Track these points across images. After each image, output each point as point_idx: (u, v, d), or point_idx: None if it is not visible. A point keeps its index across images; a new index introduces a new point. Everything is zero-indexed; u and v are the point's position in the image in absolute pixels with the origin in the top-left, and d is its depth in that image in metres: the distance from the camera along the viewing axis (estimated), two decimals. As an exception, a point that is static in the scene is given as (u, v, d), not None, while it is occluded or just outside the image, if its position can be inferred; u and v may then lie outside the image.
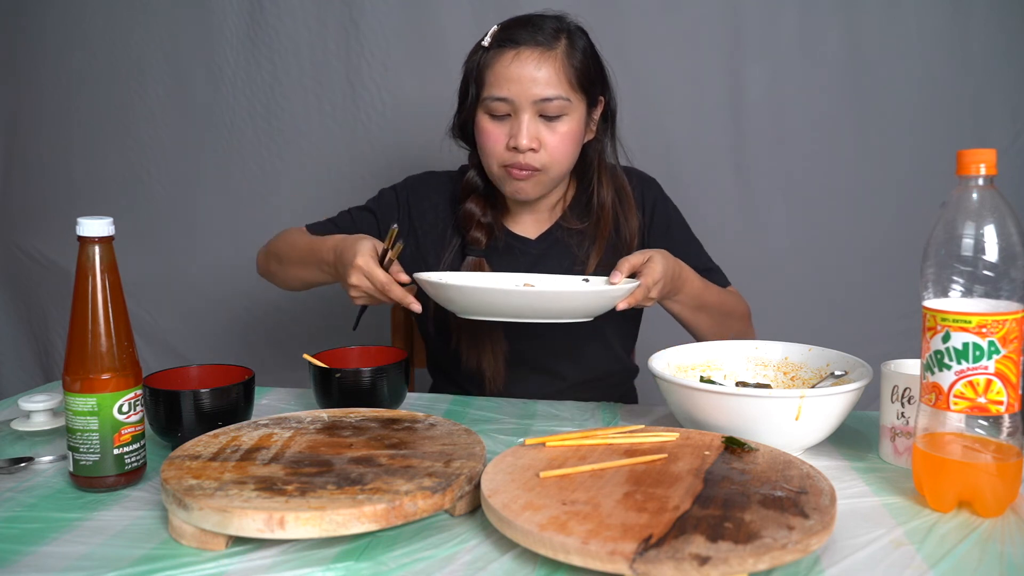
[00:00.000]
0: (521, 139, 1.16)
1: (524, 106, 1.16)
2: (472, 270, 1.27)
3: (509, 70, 1.16)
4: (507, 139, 1.18)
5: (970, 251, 0.73)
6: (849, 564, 0.66)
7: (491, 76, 1.18)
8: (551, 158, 1.19)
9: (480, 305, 1.03)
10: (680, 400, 0.92)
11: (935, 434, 0.77)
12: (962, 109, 1.75)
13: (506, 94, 1.16)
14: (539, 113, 1.17)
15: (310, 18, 1.85)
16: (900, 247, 1.68)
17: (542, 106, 1.16)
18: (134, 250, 1.90)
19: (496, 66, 1.17)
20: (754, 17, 1.76)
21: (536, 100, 1.16)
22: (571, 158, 1.23)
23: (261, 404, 1.13)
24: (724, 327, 1.28)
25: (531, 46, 1.16)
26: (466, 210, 1.30)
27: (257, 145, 1.92)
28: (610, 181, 1.30)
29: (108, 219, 0.81)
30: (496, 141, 1.20)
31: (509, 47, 1.16)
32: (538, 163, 1.19)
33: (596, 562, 0.61)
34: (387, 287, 1.08)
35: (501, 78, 1.17)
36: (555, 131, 1.18)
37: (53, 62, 1.97)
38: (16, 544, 0.70)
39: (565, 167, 1.23)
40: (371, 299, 1.12)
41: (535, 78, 1.15)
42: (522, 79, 1.15)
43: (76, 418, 0.80)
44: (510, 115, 1.18)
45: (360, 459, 0.78)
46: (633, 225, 1.30)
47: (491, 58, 1.18)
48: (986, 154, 0.74)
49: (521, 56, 1.16)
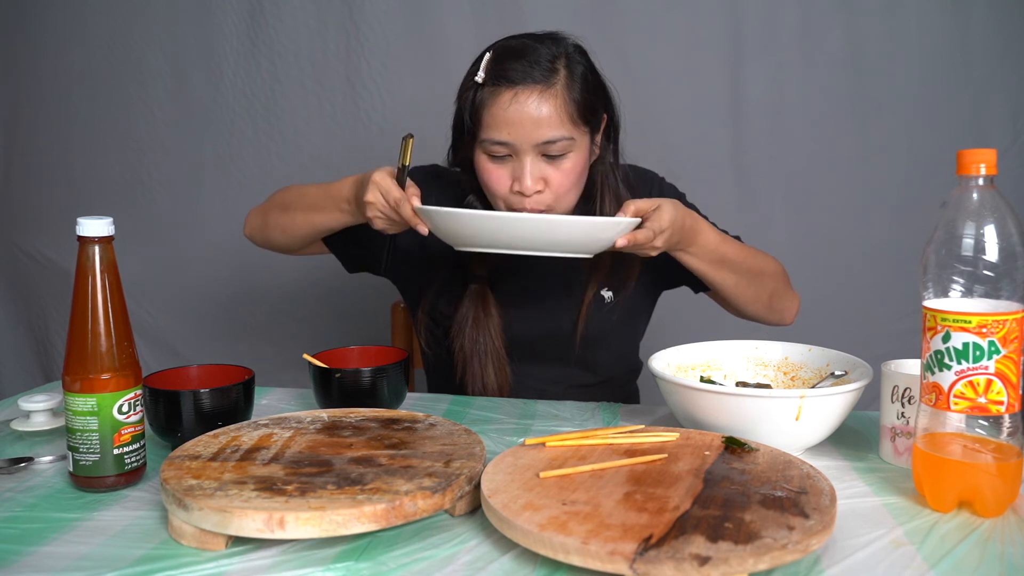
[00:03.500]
0: (526, 182, 1.11)
1: (526, 149, 1.11)
2: (477, 300, 1.25)
3: (508, 113, 1.10)
4: (511, 181, 1.14)
5: (970, 251, 0.73)
6: (849, 564, 0.66)
7: (488, 118, 1.12)
8: (556, 195, 1.15)
9: (478, 233, 1.01)
10: (680, 400, 0.92)
11: (935, 434, 0.77)
12: (962, 109, 1.75)
13: (506, 138, 1.11)
14: (542, 153, 1.12)
15: (310, 18, 1.85)
16: (900, 247, 1.68)
17: (545, 147, 1.11)
18: (134, 250, 1.90)
19: (493, 108, 1.11)
20: (754, 17, 1.76)
21: (538, 143, 1.11)
22: (578, 189, 1.19)
23: (261, 404, 1.13)
24: (756, 286, 1.22)
25: (528, 84, 1.09)
26: None
27: (257, 145, 1.92)
28: (614, 200, 1.25)
29: (108, 219, 0.81)
30: (499, 182, 1.15)
31: (506, 87, 1.10)
32: (544, 204, 1.15)
33: (596, 562, 0.60)
34: (400, 203, 1.06)
35: (500, 121, 1.11)
36: (559, 168, 1.13)
37: (53, 62, 1.97)
38: (16, 544, 0.70)
39: (573, 199, 1.19)
40: (387, 220, 1.10)
41: (536, 120, 1.09)
42: (523, 122, 1.09)
43: (76, 418, 0.80)
44: (511, 156, 1.13)
45: (360, 459, 0.78)
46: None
47: (487, 97, 1.12)
48: (986, 154, 0.74)
49: (519, 97, 1.09)
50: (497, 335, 1.25)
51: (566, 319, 1.27)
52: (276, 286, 1.95)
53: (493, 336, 1.24)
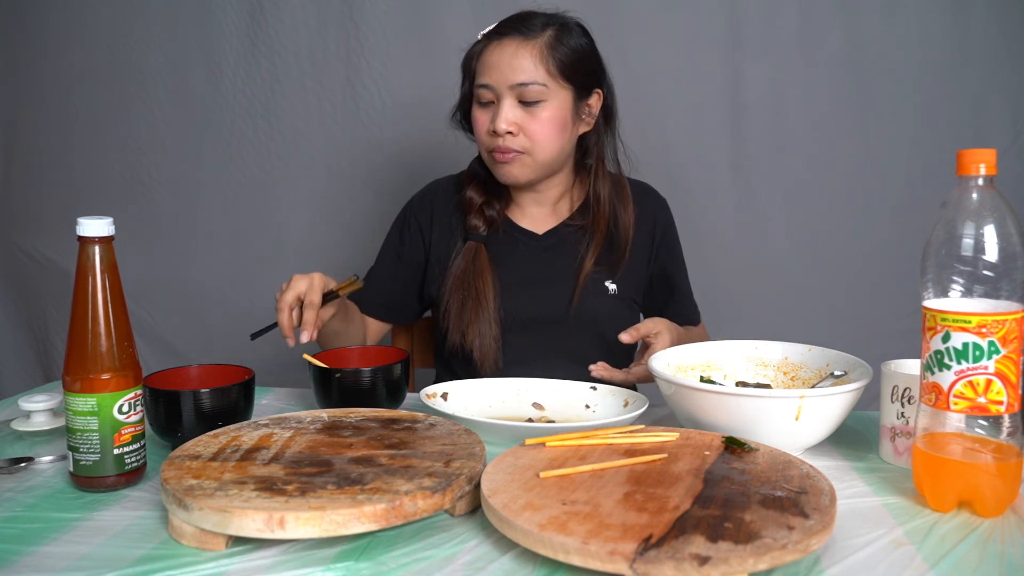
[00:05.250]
0: (499, 123, 1.22)
1: (503, 92, 1.22)
2: (470, 255, 1.30)
3: (491, 57, 1.23)
4: (490, 124, 1.24)
5: (970, 251, 0.73)
6: (849, 564, 0.66)
7: (479, 65, 1.25)
8: (532, 142, 1.24)
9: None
10: (680, 400, 0.92)
11: (935, 434, 0.77)
12: (962, 109, 1.75)
13: (487, 80, 1.23)
14: (519, 99, 1.22)
15: (310, 18, 1.85)
16: (900, 247, 1.68)
17: (520, 91, 1.21)
18: (134, 250, 1.90)
19: (483, 56, 1.24)
20: (754, 17, 1.76)
21: (513, 85, 1.21)
22: (555, 144, 1.26)
23: (261, 404, 1.13)
24: None
25: (513, 36, 1.22)
26: (466, 197, 1.35)
27: (257, 145, 1.92)
28: (607, 175, 1.33)
29: (108, 219, 0.81)
30: (482, 127, 1.26)
31: (496, 39, 1.23)
32: (518, 146, 1.23)
33: (596, 562, 0.61)
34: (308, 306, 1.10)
35: (484, 65, 1.23)
36: (535, 116, 1.22)
37: (53, 62, 1.97)
38: (16, 544, 0.70)
39: (550, 152, 1.26)
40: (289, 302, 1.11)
41: (512, 64, 1.21)
42: (500, 65, 1.21)
43: (76, 418, 0.80)
44: (494, 102, 1.24)
45: (360, 459, 0.78)
46: (628, 220, 1.33)
47: (480, 49, 1.25)
48: (986, 154, 0.74)
49: (502, 43, 1.22)
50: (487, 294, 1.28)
51: (563, 302, 1.31)
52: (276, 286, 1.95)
53: (484, 293, 1.28)
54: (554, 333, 1.30)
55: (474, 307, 1.27)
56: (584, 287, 1.30)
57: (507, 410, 1.09)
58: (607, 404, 1.07)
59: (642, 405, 0.99)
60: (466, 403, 1.08)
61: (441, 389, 1.09)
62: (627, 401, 1.04)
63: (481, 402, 1.09)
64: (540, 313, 1.31)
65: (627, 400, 1.05)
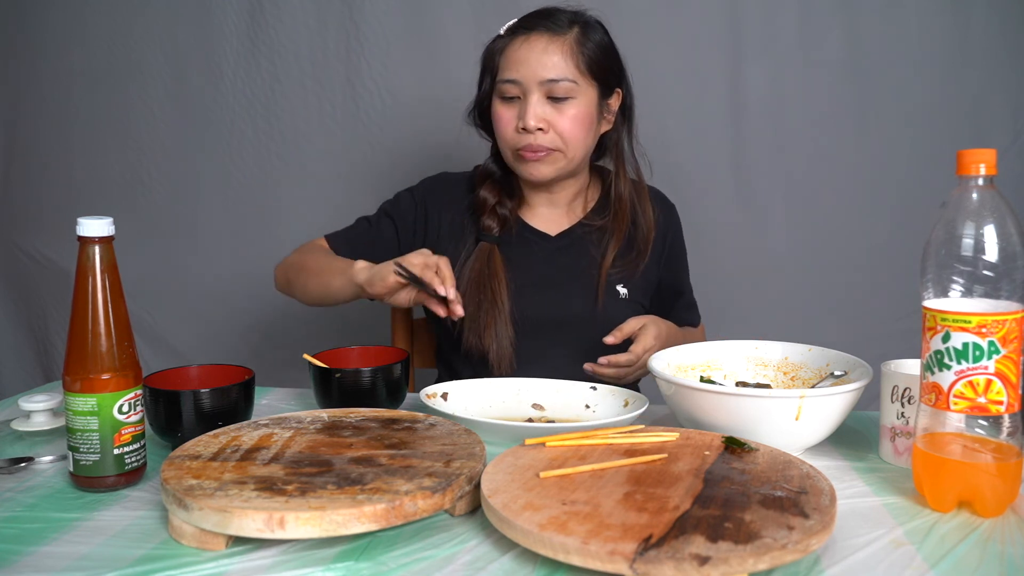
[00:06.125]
0: (529, 119, 1.20)
1: (532, 87, 1.20)
2: (485, 257, 1.28)
3: (518, 53, 1.21)
4: (517, 121, 1.22)
5: (970, 251, 0.73)
6: (849, 564, 0.66)
7: (503, 61, 1.23)
8: (561, 140, 1.22)
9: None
10: (680, 400, 0.92)
11: (935, 434, 0.77)
12: (962, 109, 1.75)
13: (514, 76, 1.21)
14: (547, 95, 1.20)
15: (310, 18, 1.85)
16: (900, 247, 1.68)
17: (549, 87, 1.20)
18: (134, 250, 1.90)
19: (508, 51, 1.22)
20: (754, 17, 1.76)
21: (543, 81, 1.19)
22: (583, 141, 1.25)
23: (261, 404, 1.13)
24: None
25: (541, 31, 1.20)
26: (479, 197, 1.33)
27: (257, 145, 1.92)
28: (627, 173, 1.33)
29: (108, 219, 0.81)
30: (507, 124, 1.24)
31: (522, 34, 1.22)
32: (548, 143, 1.22)
33: (596, 562, 0.61)
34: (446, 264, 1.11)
35: (511, 61, 1.21)
36: (564, 113, 1.21)
37: (53, 62, 1.97)
38: (16, 544, 0.70)
39: (578, 150, 1.25)
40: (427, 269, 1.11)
41: (542, 60, 1.19)
42: (530, 61, 1.19)
43: (76, 418, 0.80)
44: (520, 98, 1.22)
45: (360, 459, 0.78)
46: (649, 217, 1.33)
47: (504, 44, 1.24)
48: (986, 154, 0.74)
49: (531, 40, 1.20)
50: (503, 295, 1.26)
51: (579, 304, 1.30)
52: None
53: (499, 295, 1.26)
54: (567, 334, 1.29)
55: (490, 309, 1.26)
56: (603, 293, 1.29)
57: (507, 410, 1.09)
58: (607, 404, 1.07)
59: (642, 405, 0.99)
60: (466, 403, 1.08)
61: (441, 389, 1.09)
62: (627, 401, 1.05)
63: (481, 402, 1.09)
64: (553, 314, 1.29)
65: (627, 400, 1.05)
